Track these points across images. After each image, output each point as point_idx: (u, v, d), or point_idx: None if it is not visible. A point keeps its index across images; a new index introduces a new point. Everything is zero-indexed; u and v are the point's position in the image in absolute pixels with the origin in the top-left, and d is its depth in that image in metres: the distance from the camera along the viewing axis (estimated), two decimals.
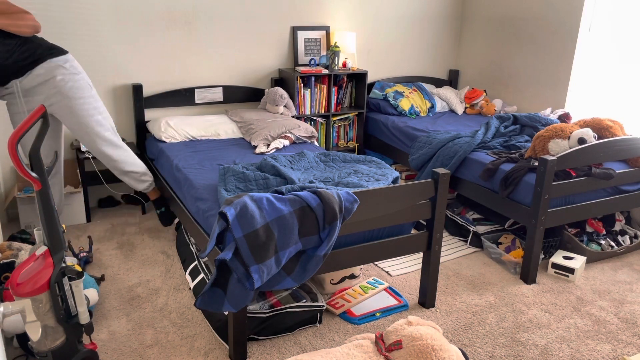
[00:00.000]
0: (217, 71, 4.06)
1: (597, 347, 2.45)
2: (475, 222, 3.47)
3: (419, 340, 1.80)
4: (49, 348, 1.92)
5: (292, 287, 2.58)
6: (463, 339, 2.49)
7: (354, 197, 2.21)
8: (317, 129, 4.31)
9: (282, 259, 2.08)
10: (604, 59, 3.89)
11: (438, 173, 2.45)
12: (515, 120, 3.80)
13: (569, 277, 3.02)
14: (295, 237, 2.10)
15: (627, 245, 3.33)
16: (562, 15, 4.05)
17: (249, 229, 2.01)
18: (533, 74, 4.36)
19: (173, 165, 3.13)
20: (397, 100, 4.41)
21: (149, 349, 2.35)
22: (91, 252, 3.07)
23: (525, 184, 2.95)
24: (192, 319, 2.58)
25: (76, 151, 3.63)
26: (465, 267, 3.16)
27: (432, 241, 2.57)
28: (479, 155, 3.37)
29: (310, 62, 4.27)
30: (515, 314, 2.70)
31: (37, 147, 1.85)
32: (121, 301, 2.71)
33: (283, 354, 2.35)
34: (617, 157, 3.06)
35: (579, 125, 3.29)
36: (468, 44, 4.97)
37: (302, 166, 2.89)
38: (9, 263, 2.49)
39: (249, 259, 2.01)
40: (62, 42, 3.50)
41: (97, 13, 3.55)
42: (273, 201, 2.10)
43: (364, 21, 4.54)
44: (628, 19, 3.69)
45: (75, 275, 1.95)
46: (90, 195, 3.84)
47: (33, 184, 1.85)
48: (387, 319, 2.63)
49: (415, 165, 3.71)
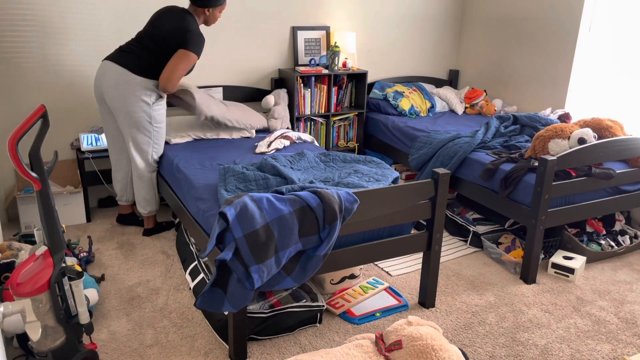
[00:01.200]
0: (217, 71, 4.06)
1: (597, 347, 2.45)
2: (475, 222, 3.47)
3: (419, 340, 1.80)
4: (49, 348, 1.92)
5: (292, 287, 2.58)
6: (463, 339, 2.49)
7: (354, 197, 2.21)
8: (317, 129, 4.31)
9: (282, 259, 2.08)
10: (604, 59, 3.89)
11: (438, 173, 2.44)
12: (515, 120, 3.80)
13: (569, 277, 3.02)
14: (295, 237, 2.10)
15: (627, 245, 3.33)
16: (562, 15, 4.05)
17: (249, 229, 2.01)
18: (533, 74, 4.36)
19: (173, 166, 3.13)
20: (397, 100, 4.41)
21: (149, 349, 2.35)
22: (91, 252, 3.07)
23: (525, 184, 2.95)
24: (192, 319, 2.58)
25: (76, 151, 3.63)
26: (465, 267, 3.16)
27: (432, 241, 2.57)
28: (479, 155, 3.37)
29: (310, 62, 4.27)
30: (515, 314, 2.70)
31: (37, 147, 1.85)
32: (121, 301, 2.71)
33: (283, 354, 2.35)
34: (617, 157, 3.06)
35: (579, 125, 3.29)
36: (468, 44, 4.97)
37: (302, 166, 2.89)
38: (9, 263, 2.49)
39: (249, 259, 2.01)
40: (62, 42, 3.50)
41: (98, 14, 3.55)
42: (273, 201, 2.10)
43: (364, 21, 4.54)
44: (628, 19, 3.69)
45: (75, 275, 1.95)
46: (90, 195, 3.84)
47: (33, 184, 1.85)
48: (387, 319, 2.63)
49: (415, 165, 3.71)
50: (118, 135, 3.31)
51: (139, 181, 3.31)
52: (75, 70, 3.59)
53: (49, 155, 3.62)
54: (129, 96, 3.04)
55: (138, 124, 3.12)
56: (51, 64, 3.51)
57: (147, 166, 3.28)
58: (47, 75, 3.52)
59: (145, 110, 3.10)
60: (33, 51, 3.43)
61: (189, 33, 3.03)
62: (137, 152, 3.21)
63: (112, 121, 3.26)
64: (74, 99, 3.64)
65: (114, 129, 3.29)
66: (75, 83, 3.61)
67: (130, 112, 3.08)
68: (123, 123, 3.13)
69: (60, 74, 3.55)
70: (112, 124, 3.27)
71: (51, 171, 1.95)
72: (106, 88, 3.07)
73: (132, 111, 3.08)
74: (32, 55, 3.44)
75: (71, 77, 3.59)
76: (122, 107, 3.07)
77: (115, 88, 3.04)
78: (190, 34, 3.04)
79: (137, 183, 3.33)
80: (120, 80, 3.02)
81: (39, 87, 3.52)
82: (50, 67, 3.51)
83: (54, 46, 3.49)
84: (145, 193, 3.34)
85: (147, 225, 3.47)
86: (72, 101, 3.64)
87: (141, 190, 3.34)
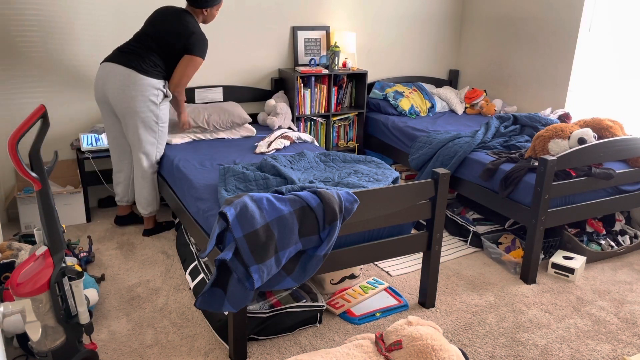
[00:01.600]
0: (217, 71, 4.06)
1: (597, 347, 2.45)
2: (475, 222, 3.47)
3: (419, 340, 1.80)
4: (49, 348, 1.92)
5: (292, 287, 2.58)
6: (463, 339, 2.49)
7: (354, 197, 2.21)
8: (317, 129, 4.31)
9: (282, 259, 2.08)
10: (604, 59, 3.89)
11: (438, 173, 2.44)
12: (515, 120, 3.79)
13: (569, 277, 3.02)
14: (295, 237, 2.10)
15: (627, 245, 3.33)
16: (562, 15, 4.04)
17: (249, 229, 2.01)
18: (533, 74, 4.36)
19: (173, 166, 3.13)
20: (397, 100, 4.41)
21: (149, 349, 2.35)
22: (91, 252, 3.07)
23: (525, 184, 2.95)
24: (192, 319, 2.58)
25: (76, 151, 3.63)
26: (465, 267, 3.16)
27: (432, 241, 2.57)
28: (479, 155, 3.37)
29: (310, 62, 4.27)
30: (515, 314, 2.70)
31: (37, 147, 1.85)
32: (121, 301, 2.71)
33: (283, 354, 2.35)
34: (617, 157, 3.06)
35: (579, 125, 3.29)
36: (468, 44, 4.97)
37: (302, 166, 2.89)
38: (9, 263, 2.49)
39: (249, 259, 2.01)
40: (62, 42, 3.50)
41: (98, 14, 3.55)
42: (273, 201, 2.10)
43: (364, 21, 4.54)
44: (628, 19, 3.69)
45: (75, 275, 1.95)
46: (90, 195, 3.84)
47: (33, 184, 1.85)
48: (387, 319, 2.63)
49: (415, 165, 3.71)
50: (120, 137, 3.31)
51: (141, 181, 3.31)
52: (75, 70, 3.59)
53: (49, 155, 3.62)
54: (137, 97, 3.05)
55: (145, 124, 3.14)
56: (51, 63, 3.51)
57: (151, 166, 3.29)
58: (48, 75, 3.52)
59: (152, 110, 3.12)
60: (33, 51, 3.43)
61: (194, 36, 3.09)
62: (142, 152, 3.21)
63: (114, 123, 3.26)
64: (74, 99, 3.64)
65: (116, 130, 3.28)
66: (75, 83, 3.61)
67: (137, 112, 3.08)
68: (130, 123, 3.13)
69: (61, 74, 3.55)
70: (114, 125, 3.27)
71: (51, 171, 1.95)
72: (111, 90, 3.06)
73: (140, 111, 3.09)
74: (32, 55, 3.44)
75: (71, 77, 3.59)
76: (129, 108, 3.07)
77: (121, 90, 3.04)
78: (195, 37, 3.10)
79: (139, 183, 3.32)
80: (127, 82, 3.03)
81: (39, 87, 3.52)
82: (50, 67, 3.51)
83: (54, 46, 3.48)
84: (147, 193, 3.34)
85: (147, 225, 3.47)
86: (72, 101, 3.64)
87: (143, 190, 3.33)
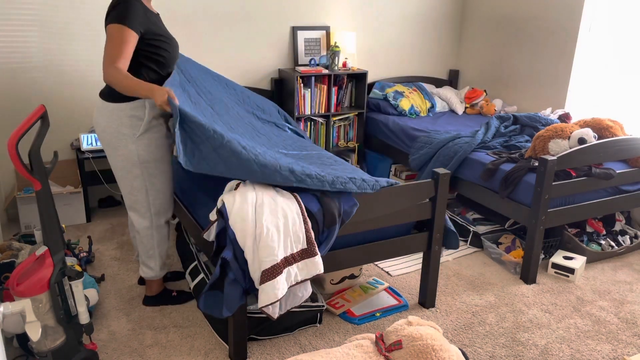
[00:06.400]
0: (217, 71, 4.05)
1: (597, 347, 2.45)
2: (475, 222, 3.47)
3: (419, 340, 1.80)
4: (49, 348, 1.92)
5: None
6: (463, 339, 2.49)
7: (354, 201, 2.21)
8: (317, 129, 4.31)
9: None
10: (604, 59, 3.89)
11: (438, 173, 2.44)
12: (515, 120, 3.79)
13: (569, 277, 3.02)
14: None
15: (627, 245, 3.33)
16: (562, 15, 4.04)
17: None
18: (533, 74, 4.36)
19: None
20: (397, 100, 4.41)
21: (149, 349, 2.35)
22: (91, 252, 3.07)
23: (525, 184, 2.94)
24: (192, 319, 2.58)
25: (76, 151, 3.63)
26: (465, 267, 3.16)
27: (432, 241, 2.57)
28: (479, 155, 3.37)
29: (310, 62, 4.27)
30: (515, 314, 2.69)
31: (37, 147, 1.85)
32: (121, 301, 2.71)
33: (283, 354, 2.35)
34: (617, 157, 3.06)
35: (579, 125, 3.29)
36: (468, 44, 4.97)
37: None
38: (9, 263, 2.49)
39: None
40: (62, 43, 3.50)
41: (98, 14, 3.55)
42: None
43: (364, 21, 4.53)
44: (628, 19, 3.69)
45: (75, 275, 1.95)
46: (90, 195, 3.84)
47: (33, 184, 1.85)
48: (387, 319, 2.63)
49: (416, 165, 3.71)
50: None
51: (137, 236, 2.57)
52: (75, 70, 3.59)
53: (49, 155, 3.62)
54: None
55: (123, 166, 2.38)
56: (51, 63, 3.51)
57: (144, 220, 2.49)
58: (47, 75, 3.52)
59: (127, 146, 2.33)
60: (33, 51, 3.43)
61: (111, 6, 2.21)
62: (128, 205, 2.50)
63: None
64: (74, 99, 3.64)
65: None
66: (75, 83, 3.61)
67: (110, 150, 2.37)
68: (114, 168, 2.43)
69: (61, 74, 3.55)
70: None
71: (51, 171, 1.95)
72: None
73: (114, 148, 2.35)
74: (32, 55, 3.44)
75: (71, 77, 3.59)
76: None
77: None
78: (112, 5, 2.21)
79: (137, 238, 2.59)
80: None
81: (39, 87, 3.52)
82: (50, 67, 3.51)
83: (55, 46, 3.48)
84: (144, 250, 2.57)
85: (148, 291, 2.69)
86: (72, 101, 3.64)
87: (139, 245, 2.58)
